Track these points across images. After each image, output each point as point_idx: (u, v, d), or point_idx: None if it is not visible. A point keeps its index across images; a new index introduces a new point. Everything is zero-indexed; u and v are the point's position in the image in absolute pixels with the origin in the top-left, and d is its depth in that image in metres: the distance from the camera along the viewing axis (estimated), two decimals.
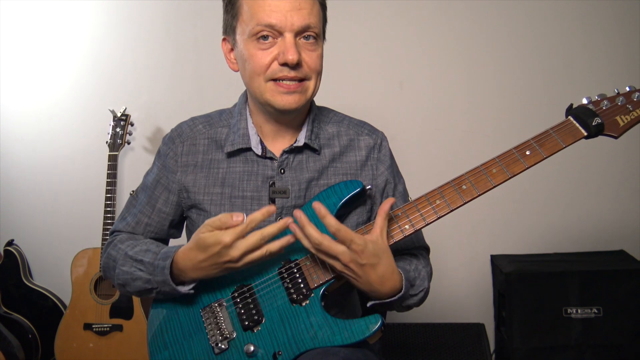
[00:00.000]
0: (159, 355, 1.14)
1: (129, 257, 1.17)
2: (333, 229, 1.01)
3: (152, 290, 1.14)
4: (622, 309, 1.98)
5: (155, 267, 1.11)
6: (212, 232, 1.02)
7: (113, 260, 1.21)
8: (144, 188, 1.31)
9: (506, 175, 1.09)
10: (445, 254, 2.40)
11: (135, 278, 1.15)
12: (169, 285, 1.09)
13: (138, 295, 1.20)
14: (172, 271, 1.09)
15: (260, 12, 1.08)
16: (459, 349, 2.02)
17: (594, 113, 1.12)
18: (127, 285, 1.18)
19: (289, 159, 1.22)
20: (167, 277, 1.08)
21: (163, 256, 1.11)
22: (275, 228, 1.03)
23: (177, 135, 1.26)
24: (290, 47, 1.08)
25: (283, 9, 1.07)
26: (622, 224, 2.33)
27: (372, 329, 1.04)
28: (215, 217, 1.03)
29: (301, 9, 1.08)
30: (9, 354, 2.15)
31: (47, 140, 2.48)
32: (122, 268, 1.17)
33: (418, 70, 2.36)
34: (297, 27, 1.08)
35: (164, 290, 1.11)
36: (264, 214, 1.03)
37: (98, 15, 2.42)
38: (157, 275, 1.10)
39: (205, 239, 1.02)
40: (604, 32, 2.28)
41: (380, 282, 1.05)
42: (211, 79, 2.39)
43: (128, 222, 1.29)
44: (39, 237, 2.51)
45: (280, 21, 1.07)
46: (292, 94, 1.12)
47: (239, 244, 1.01)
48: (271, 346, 1.07)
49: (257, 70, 1.11)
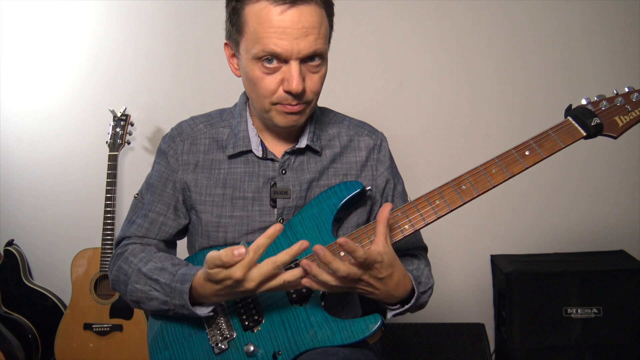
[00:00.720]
0: (160, 355, 1.14)
1: (143, 275, 1.13)
2: (361, 259, 0.97)
3: (169, 311, 1.10)
4: (622, 309, 1.98)
5: (172, 289, 1.07)
6: (218, 269, 0.96)
7: (125, 275, 1.17)
8: (149, 188, 1.26)
9: (505, 176, 1.09)
10: (445, 254, 2.40)
11: (150, 298, 1.11)
12: (188, 309, 1.06)
13: (152, 312, 1.16)
14: (190, 293, 1.06)
15: (265, 37, 1.03)
16: (459, 349, 2.02)
17: (593, 113, 1.12)
18: (141, 303, 1.14)
19: (290, 159, 1.22)
20: (186, 302, 1.05)
21: (181, 279, 1.07)
22: (288, 256, 0.97)
23: (178, 134, 1.26)
24: (296, 77, 1.05)
25: (290, 36, 1.02)
26: (622, 224, 2.33)
27: (371, 328, 1.04)
28: (215, 256, 0.95)
29: (308, 35, 1.03)
30: (9, 354, 2.15)
31: (47, 140, 2.48)
32: (136, 285, 1.13)
33: (418, 70, 2.36)
34: (303, 54, 1.04)
35: (181, 312, 1.08)
36: (269, 237, 0.97)
37: (98, 15, 2.42)
38: (176, 299, 1.06)
39: (215, 275, 0.97)
40: (603, 33, 2.28)
41: (395, 288, 1.07)
42: (211, 79, 2.39)
43: (139, 224, 1.24)
44: (39, 237, 2.51)
45: (286, 50, 1.03)
46: (294, 114, 1.12)
47: (253, 276, 0.97)
48: (271, 346, 1.07)
49: (264, 94, 1.09)
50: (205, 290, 1.03)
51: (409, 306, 1.12)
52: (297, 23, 1.02)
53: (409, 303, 1.12)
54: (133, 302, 1.17)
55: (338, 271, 0.97)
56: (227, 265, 0.95)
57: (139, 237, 1.24)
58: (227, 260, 0.94)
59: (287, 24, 1.02)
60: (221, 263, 0.95)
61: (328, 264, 0.97)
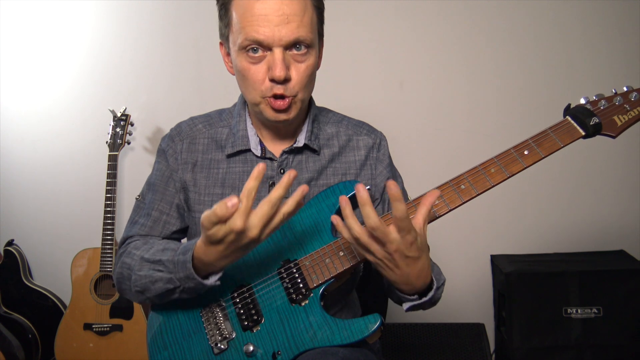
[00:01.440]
0: (159, 355, 1.14)
1: (146, 261, 1.11)
2: (401, 214, 0.91)
3: (175, 290, 1.06)
4: (622, 309, 1.98)
5: (175, 263, 1.04)
6: (216, 227, 0.93)
7: (128, 269, 1.15)
8: (151, 188, 1.25)
9: (504, 175, 1.09)
10: (445, 254, 2.40)
11: (154, 280, 1.08)
12: (193, 279, 1.02)
13: (159, 300, 1.12)
14: (194, 265, 1.02)
15: (247, 26, 1.06)
16: (459, 349, 2.02)
17: (592, 113, 1.12)
18: (146, 290, 1.10)
19: (289, 159, 1.22)
20: (190, 272, 1.01)
21: (183, 250, 1.04)
22: (281, 190, 0.95)
23: (177, 133, 1.26)
24: (279, 63, 1.06)
25: (271, 23, 1.04)
26: (622, 224, 2.33)
27: (371, 328, 1.04)
28: (209, 213, 0.92)
29: (290, 22, 1.05)
30: (9, 354, 2.15)
31: (47, 140, 2.48)
32: (139, 273, 1.11)
33: (418, 70, 2.36)
34: (285, 41, 1.06)
35: (188, 287, 1.04)
36: (256, 178, 0.94)
37: (98, 15, 2.43)
38: (179, 271, 1.03)
39: (215, 234, 0.94)
40: (602, 33, 2.28)
41: (417, 276, 1.02)
42: (211, 79, 2.39)
43: (142, 224, 1.23)
44: (39, 237, 2.51)
45: (268, 37, 1.05)
46: (282, 111, 1.12)
47: (253, 222, 0.93)
48: (270, 346, 1.07)
49: (252, 85, 1.11)
50: (209, 255, 0.99)
51: (428, 298, 1.07)
52: (277, 10, 1.04)
53: (426, 296, 1.07)
54: (138, 294, 1.13)
55: (369, 218, 0.92)
56: (224, 219, 0.92)
57: (142, 236, 1.24)
58: (223, 214, 0.91)
59: (268, 12, 1.04)
60: (217, 219, 0.91)
61: (363, 205, 0.92)
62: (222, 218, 0.91)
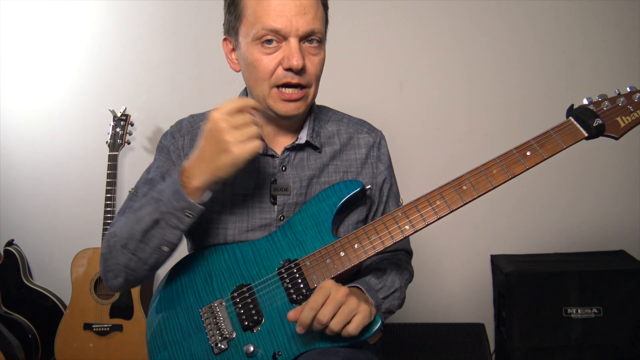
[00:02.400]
0: (159, 355, 1.14)
1: (131, 213, 1.11)
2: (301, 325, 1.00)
3: (160, 222, 1.06)
4: (622, 309, 1.98)
5: (162, 190, 1.07)
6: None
7: (112, 236, 1.12)
8: (147, 182, 1.24)
9: (507, 176, 1.09)
10: (445, 254, 2.40)
11: (140, 218, 1.07)
12: (181, 196, 1.04)
13: (142, 250, 1.08)
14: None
15: (264, 15, 1.07)
16: (459, 349, 2.02)
17: (595, 114, 1.11)
18: (131, 238, 1.08)
19: (290, 156, 1.22)
20: (178, 185, 1.04)
21: (170, 180, 1.07)
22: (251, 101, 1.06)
23: (177, 130, 1.26)
24: (295, 53, 1.07)
25: (288, 13, 1.06)
26: (622, 224, 2.33)
27: (372, 329, 1.04)
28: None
29: (306, 14, 1.07)
30: (9, 354, 2.15)
31: (47, 140, 2.48)
32: (124, 224, 1.10)
33: (418, 70, 2.36)
34: (302, 32, 1.08)
35: (175, 212, 1.05)
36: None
37: (98, 15, 2.42)
38: (167, 193, 1.05)
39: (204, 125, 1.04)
40: (604, 33, 2.28)
41: (365, 299, 1.08)
42: (211, 79, 2.39)
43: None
44: (39, 237, 2.51)
45: (285, 26, 1.07)
46: (294, 102, 1.13)
47: (223, 112, 1.01)
48: (271, 346, 1.07)
49: (262, 76, 1.11)
50: (192, 159, 1.06)
51: (382, 312, 1.17)
52: (294, 1, 1.07)
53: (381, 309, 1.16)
54: (123, 251, 1.09)
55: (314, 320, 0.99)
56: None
57: None
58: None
59: (285, 2, 1.07)
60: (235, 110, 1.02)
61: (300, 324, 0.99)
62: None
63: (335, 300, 0.98)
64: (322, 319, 0.98)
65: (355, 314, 1.00)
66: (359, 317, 1.00)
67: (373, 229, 1.11)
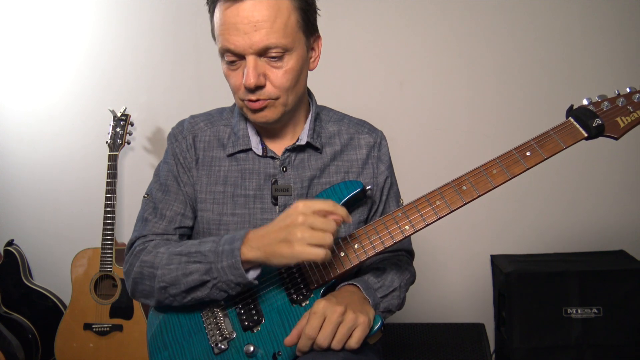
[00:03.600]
0: (159, 355, 1.14)
1: (177, 254, 1.09)
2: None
3: (207, 284, 1.05)
4: (622, 309, 1.98)
5: (219, 253, 1.03)
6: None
7: (150, 266, 1.11)
8: (162, 189, 1.23)
9: (506, 176, 1.09)
10: (445, 254, 2.40)
11: (188, 273, 1.06)
12: (236, 269, 1.01)
13: (182, 299, 1.09)
14: None
15: (221, 35, 1.08)
16: (459, 349, 2.02)
17: (595, 114, 1.11)
18: (174, 285, 1.08)
19: (291, 157, 1.22)
20: (237, 259, 1.01)
21: (229, 241, 1.04)
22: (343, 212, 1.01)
23: (179, 132, 1.26)
24: (248, 71, 1.07)
25: (240, 32, 1.05)
26: (622, 224, 2.33)
27: (372, 329, 1.04)
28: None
29: (259, 30, 1.04)
30: (9, 354, 2.15)
31: (47, 140, 2.48)
32: (169, 267, 1.09)
33: (418, 70, 2.36)
34: (255, 49, 1.06)
35: (225, 279, 1.03)
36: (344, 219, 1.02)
37: (98, 15, 2.42)
38: (223, 260, 1.02)
39: (287, 209, 1.01)
40: (604, 33, 2.28)
41: (361, 304, 1.06)
42: (211, 79, 2.39)
43: (156, 223, 1.20)
44: (39, 237, 2.51)
45: (238, 46, 1.06)
46: (260, 111, 1.13)
47: (308, 207, 0.99)
48: (271, 346, 1.07)
49: (233, 90, 1.14)
50: (256, 231, 1.03)
51: (380, 311, 1.16)
52: (245, 18, 1.05)
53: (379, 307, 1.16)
54: (161, 290, 1.10)
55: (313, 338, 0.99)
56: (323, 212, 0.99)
57: (157, 235, 1.20)
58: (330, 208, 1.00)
59: (237, 20, 1.05)
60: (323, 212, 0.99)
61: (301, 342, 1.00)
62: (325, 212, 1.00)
63: (332, 322, 0.98)
64: (321, 344, 0.98)
65: (355, 329, 1.00)
66: (358, 330, 1.00)
67: (373, 229, 1.11)
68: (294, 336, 1.01)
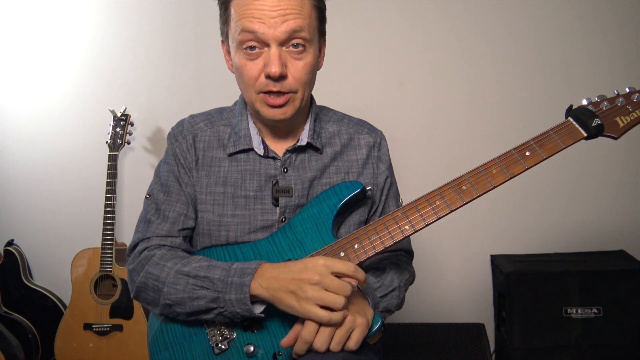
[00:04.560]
0: (160, 355, 1.14)
1: (184, 275, 1.08)
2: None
3: (213, 311, 1.06)
4: (622, 309, 1.98)
5: (229, 284, 1.03)
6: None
7: (156, 280, 1.11)
8: (163, 190, 1.23)
9: (506, 176, 1.09)
10: (445, 254, 2.40)
11: (195, 297, 1.05)
12: (244, 304, 1.02)
13: (186, 317, 1.09)
14: None
15: (244, 19, 1.06)
16: (459, 349, 2.02)
17: (594, 114, 1.11)
18: (180, 305, 1.08)
19: (292, 158, 1.22)
20: (245, 295, 1.01)
21: (239, 273, 1.04)
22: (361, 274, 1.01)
23: (179, 132, 1.26)
24: (274, 59, 1.06)
25: (267, 16, 1.05)
26: (622, 224, 2.33)
27: (372, 329, 1.04)
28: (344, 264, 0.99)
29: (287, 18, 1.06)
30: (9, 354, 2.15)
31: (47, 140, 2.48)
32: (175, 287, 1.08)
33: (418, 70, 2.36)
34: (282, 37, 1.06)
35: (231, 311, 1.03)
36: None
37: (98, 15, 2.42)
38: (231, 292, 1.02)
39: (306, 260, 1.00)
40: (604, 33, 2.28)
41: (362, 305, 1.06)
42: (211, 79, 2.39)
43: (159, 225, 1.20)
44: (39, 237, 2.51)
45: (265, 32, 1.05)
46: (278, 107, 1.12)
47: (328, 267, 0.98)
48: (271, 346, 1.07)
49: (248, 82, 1.11)
50: (268, 270, 1.02)
51: (379, 310, 1.17)
52: (274, 7, 1.05)
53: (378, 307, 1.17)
54: (166, 306, 1.10)
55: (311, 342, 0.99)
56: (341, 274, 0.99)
57: (161, 237, 1.20)
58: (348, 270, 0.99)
59: (266, 8, 1.05)
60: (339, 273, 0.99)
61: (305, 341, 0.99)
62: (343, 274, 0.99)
63: (329, 326, 0.98)
64: (319, 348, 0.98)
65: (353, 331, 1.00)
66: (356, 332, 1.00)
67: (373, 229, 1.11)
68: (290, 338, 1.01)
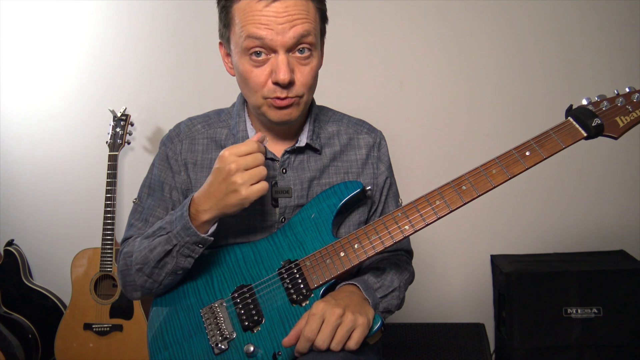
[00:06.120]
0: (159, 355, 1.14)
1: (145, 237, 1.16)
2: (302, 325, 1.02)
3: (172, 252, 1.09)
4: (622, 309, 1.98)
5: (172, 221, 1.10)
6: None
7: (129, 256, 1.17)
8: (150, 193, 1.26)
9: (506, 176, 1.09)
10: (445, 254, 2.40)
11: (153, 248, 1.11)
12: (191, 231, 1.07)
13: (157, 275, 1.13)
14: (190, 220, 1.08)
15: (249, 24, 1.04)
16: (459, 349, 2.02)
17: (594, 114, 1.11)
18: (146, 263, 1.12)
19: (290, 158, 1.22)
20: (186, 220, 1.07)
21: (179, 208, 1.11)
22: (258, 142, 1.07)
23: (176, 134, 1.26)
24: (283, 67, 1.05)
25: (275, 22, 1.03)
26: (622, 224, 2.33)
27: (372, 329, 1.04)
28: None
29: (294, 26, 1.04)
30: (9, 354, 2.15)
31: (47, 140, 2.48)
32: (139, 249, 1.14)
33: (418, 70, 2.36)
34: (289, 44, 1.05)
35: (183, 243, 1.08)
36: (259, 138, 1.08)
37: (98, 15, 2.42)
38: (177, 224, 1.08)
39: (215, 165, 1.06)
40: (604, 33, 2.28)
41: (360, 304, 1.06)
42: (211, 79, 2.39)
43: (139, 228, 1.24)
44: (39, 237, 2.51)
45: (272, 38, 1.04)
46: (285, 108, 1.12)
47: (234, 153, 1.04)
48: (271, 346, 1.07)
49: (254, 88, 1.10)
50: (201, 192, 1.08)
51: (379, 311, 1.17)
52: (281, 13, 1.04)
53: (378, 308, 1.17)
54: (138, 273, 1.15)
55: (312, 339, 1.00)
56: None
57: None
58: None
59: (272, 14, 1.04)
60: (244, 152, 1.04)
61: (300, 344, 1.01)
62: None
63: (330, 324, 0.98)
64: (320, 346, 0.99)
65: (354, 330, 1.00)
66: (357, 332, 1.00)
67: (373, 229, 1.11)
68: (292, 337, 1.02)
